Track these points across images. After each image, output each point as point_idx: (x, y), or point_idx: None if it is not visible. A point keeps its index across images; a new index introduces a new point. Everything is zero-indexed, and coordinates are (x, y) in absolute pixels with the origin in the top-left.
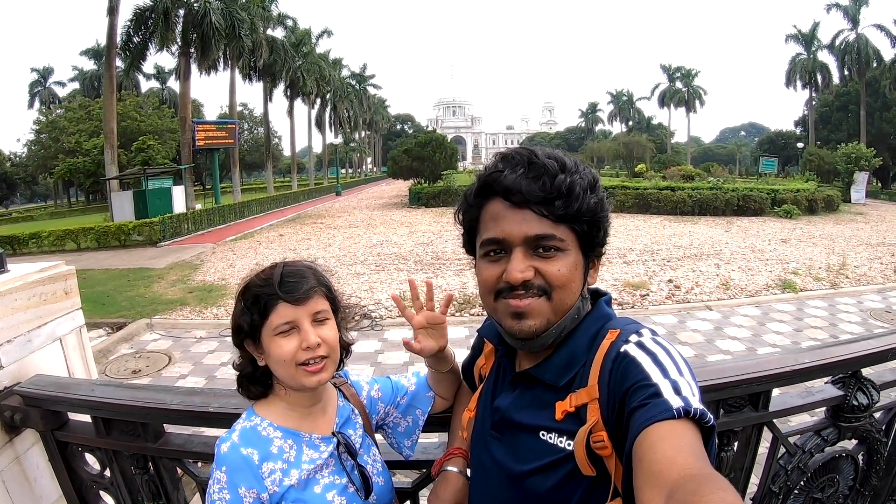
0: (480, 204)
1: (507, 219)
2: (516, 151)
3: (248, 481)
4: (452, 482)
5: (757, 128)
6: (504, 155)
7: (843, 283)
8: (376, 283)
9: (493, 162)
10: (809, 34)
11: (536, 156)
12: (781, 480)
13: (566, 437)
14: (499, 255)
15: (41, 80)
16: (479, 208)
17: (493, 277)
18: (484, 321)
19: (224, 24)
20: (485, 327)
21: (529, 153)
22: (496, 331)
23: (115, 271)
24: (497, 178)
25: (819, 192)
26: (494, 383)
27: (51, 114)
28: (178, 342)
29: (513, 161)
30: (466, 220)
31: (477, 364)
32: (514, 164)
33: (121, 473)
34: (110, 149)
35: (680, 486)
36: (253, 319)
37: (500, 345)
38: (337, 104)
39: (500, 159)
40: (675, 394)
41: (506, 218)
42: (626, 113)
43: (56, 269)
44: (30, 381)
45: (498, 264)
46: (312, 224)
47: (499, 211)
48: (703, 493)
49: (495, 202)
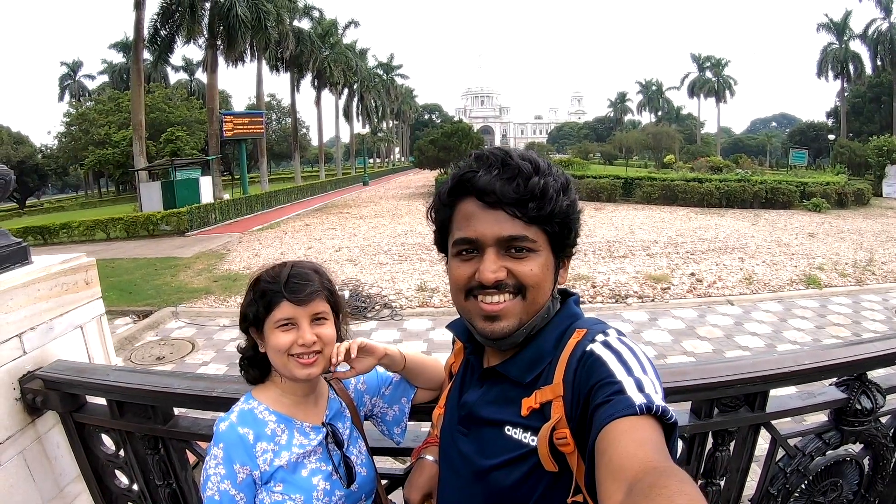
0: (453, 203)
1: (480, 219)
2: (491, 152)
3: (242, 458)
4: (427, 469)
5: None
6: (479, 155)
7: (870, 279)
8: (398, 273)
9: (467, 161)
10: (841, 23)
11: (511, 157)
12: (780, 483)
13: (530, 432)
14: (471, 254)
15: (71, 73)
16: (451, 207)
17: (465, 276)
18: (453, 319)
19: (250, 17)
20: (453, 325)
21: (504, 154)
22: (464, 328)
23: (143, 260)
24: (471, 178)
25: (849, 186)
26: (462, 380)
27: (80, 106)
28: (202, 330)
29: (487, 161)
30: (439, 218)
31: (447, 362)
32: (489, 164)
33: (134, 454)
34: (139, 140)
35: (640, 479)
36: (258, 311)
37: (469, 342)
38: (364, 94)
39: (475, 159)
40: (639, 391)
41: (479, 218)
42: (656, 103)
43: (77, 261)
44: (50, 366)
45: (470, 264)
46: (339, 214)
47: (472, 211)
48: (662, 485)
49: (468, 202)
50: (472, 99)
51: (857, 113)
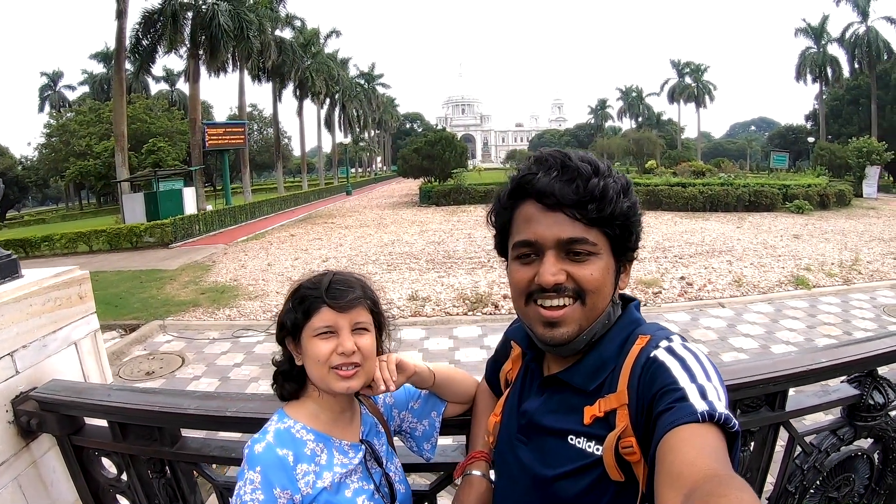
0: (513, 206)
1: (539, 221)
2: (550, 154)
3: (283, 482)
4: (476, 486)
5: (767, 122)
6: (538, 157)
7: (856, 278)
8: (388, 282)
9: (526, 164)
10: (819, 28)
11: (570, 158)
12: (797, 480)
13: (595, 441)
14: (531, 257)
15: (51, 83)
16: (511, 210)
17: (525, 280)
18: (511, 323)
19: (232, 26)
20: (512, 330)
21: (563, 156)
22: (524, 333)
23: (128, 273)
24: (531, 180)
25: (830, 187)
26: (521, 387)
27: (61, 117)
28: (192, 343)
29: (546, 163)
30: (499, 221)
31: (503, 369)
32: (548, 166)
33: (138, 478)
34: (121, 151)
35: (698, 487)
36: (296, 318)
37: (529, 349)
38: (346, 104)
39: (534, 162)
40: (701, 398)
41: (538, 220)
42: (636, 109)
43: (70, 274)
44: (46, 385)
45: (530, 267)
46: (323, 224)
47: (532, 213)
48: (721, 494)
49: (528, 204)
50: (454, 107)
51: (835, 115)
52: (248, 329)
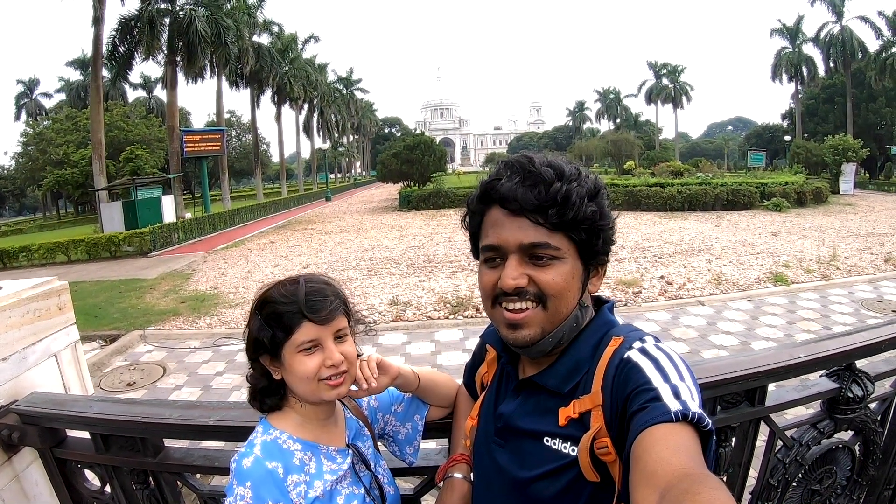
0: (482, 210)
1: (504, 226)
2: (516, 159)
3: (274, 495)
4: (458, 488)
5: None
6: (506, 162)
7: (835, 274)
8: (369, 287)
9: (495, 169)
10: (794, 28)
11: (534, 164)
12: (780, 474)
13: (570, 442)
14: (496, 261)
15: (27, 91)
16: (481, 215)
17: (491, 283)
18: (487, 327)
19: (210, 32)
20: (488, 333)
21: (527, 161)
22: (499, 336)
23: (107, 283)
24: (495, 185)
25: (808, 185)
26: (497, 390)
27: (38, 125)
28: (172, 353)
29: (511, 168)
30: (471, 225)
31: (479, 372)
32: (513, 171)
33: (121, 489)
34: (98, 159)
35: (673, 486)
36: (275, 336)
37: (504, 352)
38: (324, 109)
39: (502, 167)
40: (675, 398)
41: (503, 225)
42: (614, 111)
43: (50, 285)
44: (26, 398)
45: (495, 271)
46: (303, 230)
47: (497, 218)
48: (695, 492)
49: (495, 209)
50: (432, 112)
51: (811, 114)
52: (229, 337)
